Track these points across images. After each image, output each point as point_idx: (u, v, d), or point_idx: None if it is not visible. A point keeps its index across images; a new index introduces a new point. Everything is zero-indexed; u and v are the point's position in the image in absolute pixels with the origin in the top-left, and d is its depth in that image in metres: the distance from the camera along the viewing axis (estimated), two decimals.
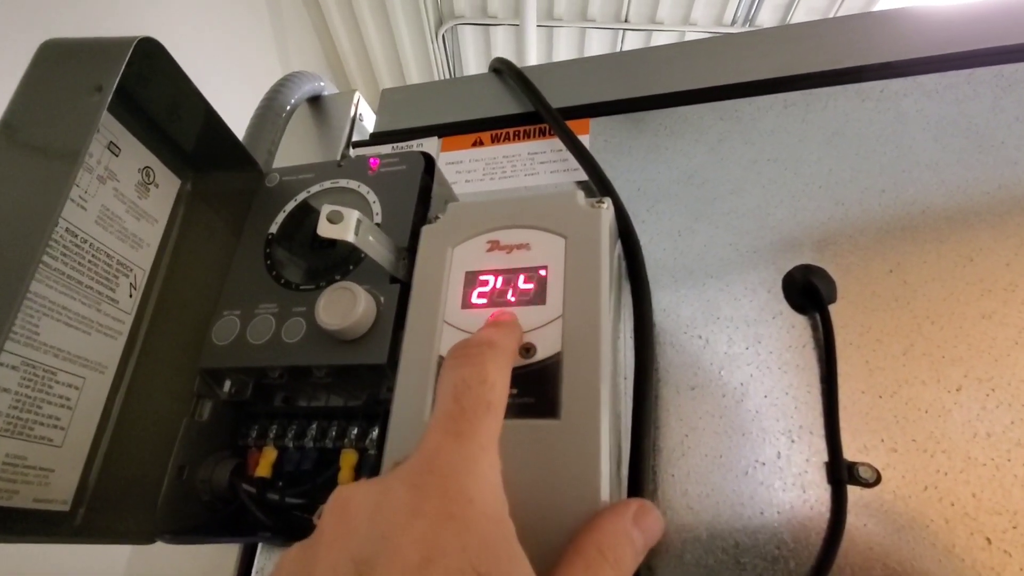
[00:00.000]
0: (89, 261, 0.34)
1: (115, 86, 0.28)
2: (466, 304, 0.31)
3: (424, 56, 1.96)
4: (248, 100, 0.51)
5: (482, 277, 0.32)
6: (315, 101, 0.56)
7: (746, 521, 0.31)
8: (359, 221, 0.30)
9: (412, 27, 1.87)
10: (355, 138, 0.54)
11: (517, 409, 0.28)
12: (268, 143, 0.46)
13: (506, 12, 1.82)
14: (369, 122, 0.57)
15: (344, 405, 0.36)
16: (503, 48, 1.93)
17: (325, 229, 0.29)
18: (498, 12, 1.83)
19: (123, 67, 0.28)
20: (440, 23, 1.87)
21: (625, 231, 0.38)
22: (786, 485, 0.32)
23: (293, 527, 0.33)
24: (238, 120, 0.49)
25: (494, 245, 0.33)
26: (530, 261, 0.32)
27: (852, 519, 0.30)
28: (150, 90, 0.35)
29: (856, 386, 0.33)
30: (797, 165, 0.41)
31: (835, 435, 0.32)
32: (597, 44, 1.89)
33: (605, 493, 0.25)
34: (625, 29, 1.83)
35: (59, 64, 0.29)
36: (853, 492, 0.31)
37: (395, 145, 0.51)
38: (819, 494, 0.31)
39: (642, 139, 0.45)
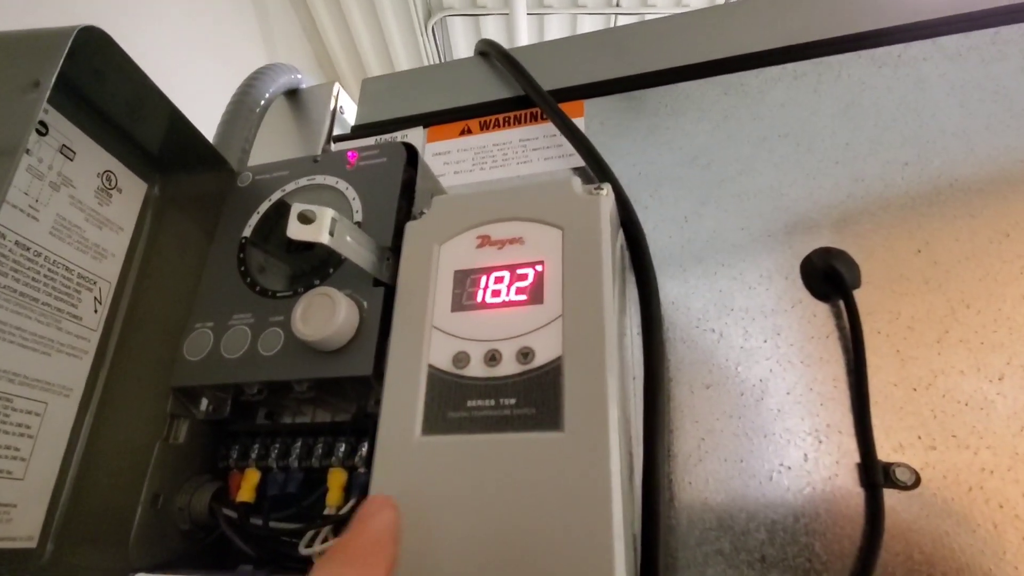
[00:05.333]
0: (45, 276, 0.31)
1: (53, 81, 0.25)
2: (456, 307, 0.29)
3: (414, 49, 1.92)
4: None
5: (473, 276, 0.29)
6: (293, 95, 0.53)
7: (773, 531, 0.28)
8: (334, 220, 0.27)
9: (401, 21, 1.83)
10: (336, 132, 0.52)
11: (516, 422, 0.25)
12: (242, 141, 0.43)
13: (496, 1, 1.78)
14: (351, 114, 0.54)
15: (332, 420, 0.33)
16: (494, 38, 1.89)
17: (296, 231, 0.27)
18: (487, 2, 1.79)
19: (62, 60, 0.25)
20: (429, 15, 1.83)
21: (627, 219, 0.35)
22: (815, 491, 0.29)
23: (279, 557, 0.30)
24: None
25: (484, 240, 0.30)
26: (524, 256, 0.29)
27: (890, 526, 0.27)
28: (104, 87, 0.32)
29: (887, 378, 0.30)
30: (811, 140, 0.38)
31: (867, 434, 0.29)
32: (589, 31, 1.86)
33: (617, 511, 0.23)
34: (617, 14, 1.79)
35: None
36: (890, 496, 0.28)
37: (378, 137, 0.48)
38: (852, 499, 0.28)
39: (641, 119, 0.42)
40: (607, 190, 0.30)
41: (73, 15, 0.96)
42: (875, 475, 0.28)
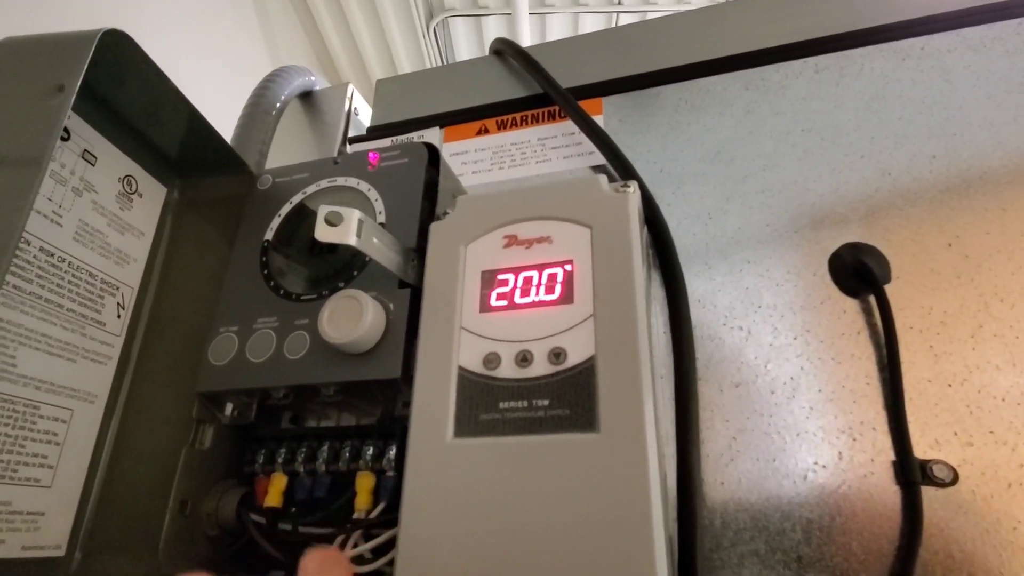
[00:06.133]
0: (69, 282, 0.31)
1: (78, 85, 0.25)
2: (484, 307, 0.28)
3: (416, 51, 1.92)
4: (237, 102, 0.48)
5: (501, 276, 0.29)
6: (307, 97, 0.52)
7: (809, 531, 0.28)
8: (361, 222, 0.27)
9: (402, 22, 1.83)
10: (351, 133, 0.51)
11: (550, 423, 0.25)
12: (259, 143, 0.43)
13: (497, 1, 1.78)
14: (365, 116, 0.54)
15: (357, 423, 0.33)
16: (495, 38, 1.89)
17: (324, 233, 0.26)
18: (489, 2, 1.79)
19: (86, 64, 0.25)
20: (431, 16, 1.83)
21: (652, 217, 0.34)
22: (851, 489, 0.28)
23: None
24: (228, 123, 0.46)
25: (511, 240, 0.30)
26: (553, 256, 0.29)
27: (928, 524, 0.27)
28: (125, 91, 0.32)
29: (921, 374, 0.30)
30: (835, 134, 0.37)
31: (903, 431, 0.29)
32: (591, 30, 1.85)
33: (657, 512, 0.23)
34: (619, 12, 1.78)
35: (15, 64, 0.26)
36: (927, 493, 0.27)
37: (394, 139, 0.48)
38: (889, 497, 0.28)
39: (661, 116, 0.42)
40: (634, 187, 0.30)
41: (72, 17, 0.95)
42: (912, 472, 0.28)
